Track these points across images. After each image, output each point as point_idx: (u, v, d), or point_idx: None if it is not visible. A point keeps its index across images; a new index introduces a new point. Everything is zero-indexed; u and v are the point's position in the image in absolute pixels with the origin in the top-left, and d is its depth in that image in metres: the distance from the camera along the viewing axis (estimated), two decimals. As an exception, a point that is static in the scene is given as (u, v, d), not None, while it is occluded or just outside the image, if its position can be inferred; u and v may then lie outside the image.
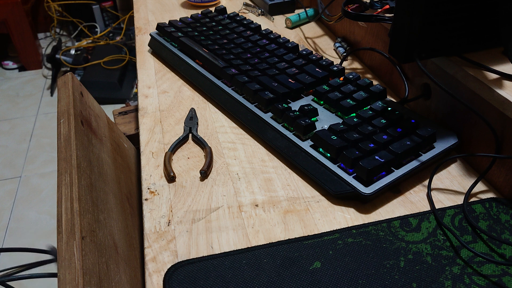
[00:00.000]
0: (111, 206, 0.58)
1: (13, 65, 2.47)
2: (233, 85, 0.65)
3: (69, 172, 0.50)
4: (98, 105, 0.73)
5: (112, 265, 0.49)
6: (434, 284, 0.42)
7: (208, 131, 0.62)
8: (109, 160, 0.66)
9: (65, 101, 0.60)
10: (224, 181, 0.54)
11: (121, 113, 0.99)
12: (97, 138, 0.64)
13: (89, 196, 0.51)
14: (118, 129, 0.81)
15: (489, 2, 0.52)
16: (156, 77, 0.74)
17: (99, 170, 0.59)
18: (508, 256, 0.45)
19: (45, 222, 1.57)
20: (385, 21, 0.64)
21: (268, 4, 0.95)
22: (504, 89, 0.49)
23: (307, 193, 0.52)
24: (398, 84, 0.69)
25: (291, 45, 0.72)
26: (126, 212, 0.64)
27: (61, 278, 0.40)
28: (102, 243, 0.49)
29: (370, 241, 0.46)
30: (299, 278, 0.42)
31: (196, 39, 0.75)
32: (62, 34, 2.69)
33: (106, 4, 2.53)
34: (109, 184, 0.61)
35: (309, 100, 0.63)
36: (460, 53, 0.55)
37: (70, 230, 0.44)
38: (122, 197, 0.65)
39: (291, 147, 0.55)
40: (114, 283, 0.47)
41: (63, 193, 0.48)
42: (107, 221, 0.53)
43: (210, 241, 0.47)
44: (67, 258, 0.41)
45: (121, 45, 2.31)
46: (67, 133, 0.55)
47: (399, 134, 0.53)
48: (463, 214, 0.49)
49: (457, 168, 0.56)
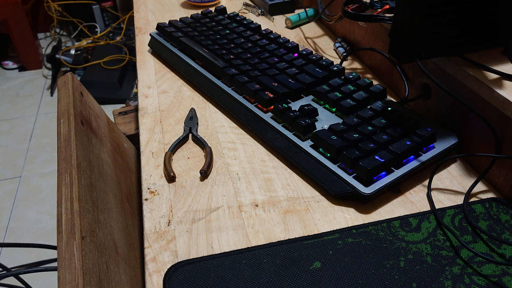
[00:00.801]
0: (111, 206, 0.58)
1: (13, 65, 2.47)
2: (233, 85, 0.65)
3: (69, 172, 0.50)
4: (98, 105, 0.73)
5: (112, 265, 0.49)
6: (434, 284, 0.42)
7: (208, 131, 0.62)
8: (109, 160, 0.66)
9: (65, 101, 0.60)
10: (224, 181, 0.54)
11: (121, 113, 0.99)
12: (97, 138, 0.64)
13: (89, 196, 0.51)
14: (118, 129, 0.81)
15: (489, 2, 0.52)
16: (156, 77, 0.74)
17: (99, 170, 0.59)
18: (508, 256, 0.45)
19: (45, 222, 1.57)
20: (385, 21, 0.64)
21: (268, 4, 0.95)
22: (504, 89, 0.49)
23: (307, 193, 0.52)
24: (398, 84, 0.69)
25: (291, 45, 0.72)
26: (126, 212, 0.64)
27: (61, 278, 0.40)
28: (102, 243, 0.49)
29: (370, 241, 0.46)
30: (299, 278, 0.42)
31: (196, 39, 0.75)
32: (62, 34, 2.69)
33: (106, 4, 2.53)
34: (109, 184, 0.61)
35: (309, 100, 0.63)
36: (460, 53, 0.55)
37: (70, 230, 0.44)
38: (122, 197, 0.65)
39: (291, 147, 0.55)
40: (114, 283, 0.47)
41: (63, 193, 0.48)
42: (107, 221, 0.53)
43: (210, 241, 0.47)
44: (67, 258, 0.41)
45: (121, 45, 2.31)
46: (67, 133, 0.55)
47: (399, 134, 0.53)
48: (463, 214, 0.49)
49: (457, 168, 0.56)
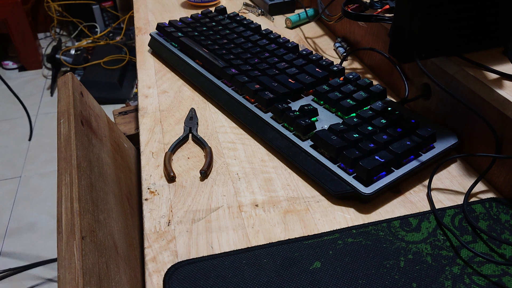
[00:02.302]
0: (111, 206, 0.58)
1: (13, 65, 2.47)
2: (233, 85, 0.65)
3: (69, 172, 0.50)
4: (98, 105, 0.73)
5: (112, 265, 0.49)
6: (434, 284, 0.42)
7: (208, 131, 0.62)
8: (109, 160, 0.66)
9: (65, 101, 0.60)
10: (224, 181, 0.54)
11: (121, 113, 0.99)
12: (97, 138, 0.64)
13: (89, 196, 0.51)
14: (118, 129, 0.81)
15: (489, 2, 0.52)
16: (156, 77, 0.74)
17: (99, 170, 0.59)
18: (508, 256, 0.45)
19: (45, 222, 1.57)
20: (385, 21, 0.64)
21: (268, 4, 0.95)
22: (504, 89, 0.49)
23: (307, 193, 0.52)
24: (398, 84, 0.69)
25: (291, 45, 0.72)
26: (126, 212, 0.64)
27: (61, 278, 0.40)
28: (102, 243, 0.49)
29: (370, 241, 0.46)
30: (299, 278, 0.42)
31: (196, 39, 0.75)
32: (62, 34, 2.69)
33: (106, 4, 2.53)
34: (109, 184, 0.61)
35: (309, 100, 0.63)
36: (460, 53, 0.55)
37: (70, 230, 0.44)
38: (122, 197, 0.65)
39: (291, 147, 0.55)
40: (114, 283, 0.47)
41: (63, 193, 0.48)
42: (107, 221, 0.53)
43: (210, 241, 0.47)
44: (67, 258, 0.41)
45: (121, 45, 2.31)
46: (67, 133, 0.55)
47: (399, 134, 0.53)
48: (463, 214, 0.49)
49: (457, 168, 0.56)
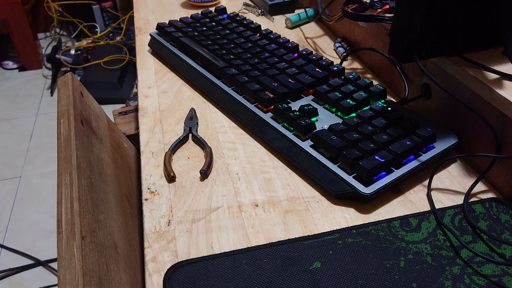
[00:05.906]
0: (111, 206, 0.58)
1: (13, 65, 2.47)
2: (233, 85, 0.65)
3: (69, 172, 0.50)
4: (98, 105, 0.73)
5: (112, 265, 0.49)
6: (434, 284, 0.42)
7: (208, 131, 0.62)
8: (109, 160, 0.66)
9: (65, 101, 0.60)
10: (224, 181, 0.54)
11: (121, 113, 0.99)
12: (97, 138, 0.64)
13: (89, 196, 0.51)
14: (118, 129, 0.81)
15: (489, 2, 0.52)
16: (156, 77, 0.74)
17: (99, 170, 0.59)
18: (508, 256, 0.45)
19: (45, 222, 1.57)
20: (385, 21, 0.64)
21: (268, 4, 0.95)
22: (504, 89, 0.49)
23: (307, 193, 0.52)
24: (398, 84, 0.69)
25: (291, 45, 0.72)
26: (126, 212, 0.64)
27: (61, 278, 0.40)
28: (102, 243, 0.49)
29: (370, 241, 0.46)
30: (299, 278, 0.42)
31: (196, 39, 0.75)
32: (62, 34, 2.69)
33: (106, 4, 2.53)
34: (109, 184, 0.61)
35: (309, 100, 0.63)
36: (460, 53, 0.55)
37: (70, 230, 0.44)
38: (122, 197, 0.65)
39: (291, 147, 0.55)
40: (114, 283, 0.47)
41: (63, 193, 0.48)
42: (107, 221, 0.53)
43: (210, 241, 0.47)
44: (67, 258, 0.41)
45: (121, 45, 2.31)
46: (67, 133, 0.55)
47: (399, 134, 0.53)
48: (463, 214, 0.49)
49: (457, 168, 0.56)
